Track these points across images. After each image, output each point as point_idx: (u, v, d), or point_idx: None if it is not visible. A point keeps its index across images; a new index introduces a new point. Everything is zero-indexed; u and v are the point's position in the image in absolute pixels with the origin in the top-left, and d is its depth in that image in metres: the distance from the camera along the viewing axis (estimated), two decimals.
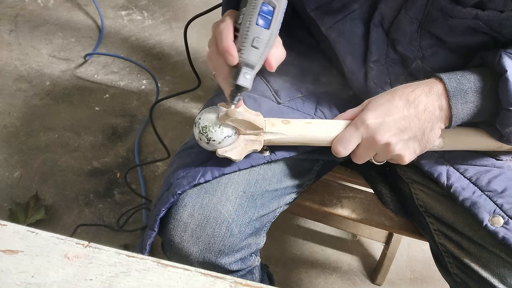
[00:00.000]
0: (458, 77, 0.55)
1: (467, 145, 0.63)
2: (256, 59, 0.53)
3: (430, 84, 0.56)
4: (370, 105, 0.57)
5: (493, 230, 0.58)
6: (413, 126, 0.55)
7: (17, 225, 0.47)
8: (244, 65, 0.53)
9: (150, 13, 1.79)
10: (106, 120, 1.45)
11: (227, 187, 0.62)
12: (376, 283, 1.17)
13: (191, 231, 0.60)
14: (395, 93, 0.56)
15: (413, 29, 0.60)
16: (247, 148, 0.59)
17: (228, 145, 0.58)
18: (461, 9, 0.56)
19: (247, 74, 0.53)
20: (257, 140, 0.59)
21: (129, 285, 0.43)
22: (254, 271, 0.71)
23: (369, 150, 0.57)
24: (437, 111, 0.55)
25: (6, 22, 1.72)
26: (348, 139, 0.57)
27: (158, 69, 1.60)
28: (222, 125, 0.57)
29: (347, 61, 0.68)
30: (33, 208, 1.22)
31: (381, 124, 0.55)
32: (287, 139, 0.60)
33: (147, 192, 1.29)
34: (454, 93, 0.54)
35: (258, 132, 0.59)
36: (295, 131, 0.59)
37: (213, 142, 0.57)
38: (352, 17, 0.63)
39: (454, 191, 0.62)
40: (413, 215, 0.76)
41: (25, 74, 1.56)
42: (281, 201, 0.69)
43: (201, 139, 0.58)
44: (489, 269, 0.60)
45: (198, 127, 0.58)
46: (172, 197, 0.61)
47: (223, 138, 0.57)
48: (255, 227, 0.64)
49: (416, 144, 0.57)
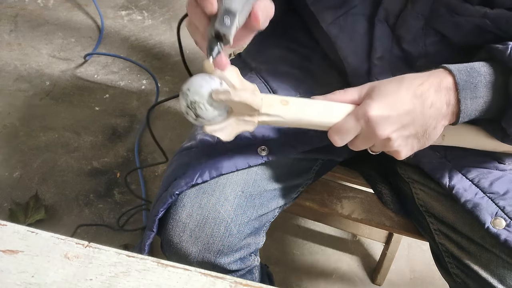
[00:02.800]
0: (468, 69, 0.52)
1: (466, 143, 0.62)
2: (238, 4, 0.46)
3: (440, 76, 0.52)
4: (374, 94, 0.53)
5: (495, 232, 0.58)
6: (416, 122, 0.52)
7: (17, 225, 0.47)
8: (223, 11, 0.45)
9: (150, 13, 1.79)
10: (106, 120, 1.45)
11: (226, 187, 0.62)
12: (376, 283, 1.17)
13: (190, 231, 0.60)
14: (402, 83, 0.53)
15: (418, 25, 0.59)
16: (239, 128, 0.54)
17: (218, 123, 0.53)
18: (469, 6, 0.55)
19: (227, 20, 0.45)
20: (251, 121, 0.53)
21: (129, 285, 0.43)
22: (254, 271, 0.71)
23: (367, 142, 0.55)
24: (444, 108, 0.52)
25: (6, 22, 1.72)
26: (347, 130, 0.53)
27: (158, 69, 1.60)
28: (215, 102, 0.50)
29: (349, 58, 0.66)
30: (33, 208, 1.22)
31: (384, 119, 0.51)
32: (284, 122, 0.55)
33: (148, 193, 1.29)
34: (464, 86, 0.51)
35: (253, 113, 0.53)
36: (294, 114, 0.54)
37: (202, 120, 0.51)
38: (354, 12, 0.62)
39: (456, 192, 0.62)
40: (414, 215, 0.76)
41: (25, 74, 1.56)
42: (280, 201, 0.69)
43: (188, 113, 0.51)
44: (489, 270, 0.60)
45: (185, 99, 0.50)
46: (170, 198, 0.61)
47: (214, 117, 0.51)
48: (254, 227, 0.64)
49: (415, 141, 0.54)
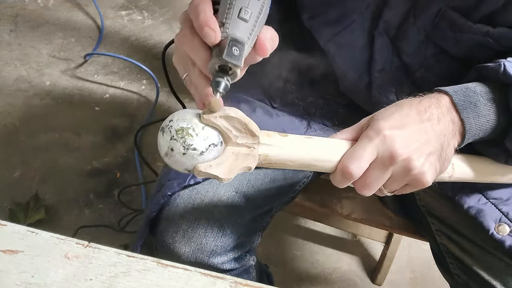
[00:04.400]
0: (463, 89, 0.49)
1: (477, 176, 0.56)
2: (245, 34, 0.40)
3: (436, 96, 0.49)
4: (379, 116, 0.47)
5: (500, 238, 0.57)
6: (431, 138, 0.46)
7: (17, 225, 0.47)
8: (230, 41, 0.39)
9: (150, 13, 1.79)
10: (106, 120, 1.45)
11: (219, 188, 0.62)
12: (376, 283, 1.17)
13: (183, 232, 0.60)
14: (401, 104, 0.48)
15: (419, 39, 0.58)
16: (238, 164, 0.43)
17: (212, 159, 0.41)
18: (472, 25, 0.53)
19: (235, 50, 0.38)
20: (250, 154, 0.43)
21: (129, 285, 0.43)
22: (251, 270, 0.71)
23: (384, 171, 0.45)
24: (450, 125, 0.48)
25: (6, 22, 1.72)
26: (361, 155, 0.44)
27: (158, 69, 1.60)
28: (206, 126, 0.40)
29: (348, 74, 0.64)
30: (33, 208, 1.22)
31: (400, 136, 0.44)
32: (286, 156, 0.45)
33: (148, 192, 1.29)
34: (463, 106, 0.48)
35: (253, 142, 0.43)
36: (295, 145, 0.46)
37: (193, 152, 0.40)
38: (353, 28, 0.60)
39: (459, 198, 0.61)
40: (414, 216, 0.76)
41: (25, 74, 1.56)
42: (276, 201, 0.69)
43: (174, 149, 0.40)
44: (491, 272, 0.59)
45: (168, 132, 0.40)
46: (162, 199, 0.61)
47: (207, 147, 0.40)
48: (249, 227, 0.64)
49: (437, 160, 0.47)
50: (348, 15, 0.59)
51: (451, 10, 0.54)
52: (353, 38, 0.61)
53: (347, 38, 0.61)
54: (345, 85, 0.68)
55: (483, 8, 0.52)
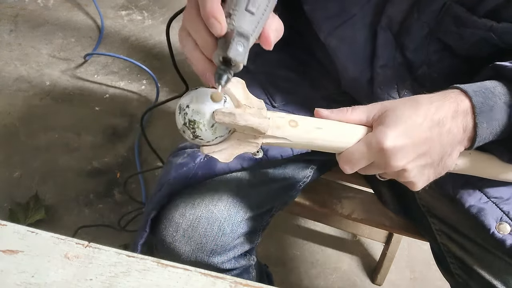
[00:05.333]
0: (482, 90, 0.48)
1: (477, 170, 0.57)
2: (251, 27, 0.40)
3: (456, 100, 0.48)
4: (388, 120, 0.47)
5: (501, 237, 0.57)
6: (432, 151, 0.47)
7: (17, 225, 0.47)
8: (236, 35, 0.39)
9: (150, 13, 1.79)
10: (106, 120, 1.44)
11: (219, 187, 0.62)
12: (376, 283, 1.17)
13: (183, 231, 0.61)
14: (418, 109, 0.47)
15: (422, 34, 0.57)
16: (240, 149, 0.47)
17: (217, 144, 0.46)
18: (476, 19, 0.53)
19: (240, 46, 0.39)
20: (254, 142, 0.47)
21: (129, 285, 0.43)
22: (251, 270, 0.71)
23: (378, 170, 0.49)
24: (461, 134, 0.48)
25: (6, 22, 1.72)
26: (357, 160, 0.47)
27: (158, 69, 1.60)
28: (217, 123, 0.44)
29: (350, 68, 0.64)
30: (33, 208, 1.22)
31: (399, 149, 0.46)
32: (290, 144, 0.49)
33: (148, 192, 1.29)
34: (481, 109, 0.47)
35: (259, 135, 0.46)
36: (302, 138, 0.48)
37: (200, 140, 0.44)
38: (353, 22, 0.60)
39: (460, 197, 0.61)
40: (414, 215, 0.76)
41: (25, 74, 1.56)
42: (276, 201, 0.69)
43: (185, 132, 0.44)
44: (492, 272, 0.59)
45: (183, 117, 0.44)
46: (162, 198, 0.61)
47: (214, 139, 0.45)
48: (248, 226, 0.64)
49: (431, 171, 0.50)
50: (347, 9, 0.59)
51: (456, 4, 0.53)
52: (354, 32, 0.60)
53: (347, 32, 0.60)
54: (346, 81, 0.67)
55: (487, 2, 0.52)
